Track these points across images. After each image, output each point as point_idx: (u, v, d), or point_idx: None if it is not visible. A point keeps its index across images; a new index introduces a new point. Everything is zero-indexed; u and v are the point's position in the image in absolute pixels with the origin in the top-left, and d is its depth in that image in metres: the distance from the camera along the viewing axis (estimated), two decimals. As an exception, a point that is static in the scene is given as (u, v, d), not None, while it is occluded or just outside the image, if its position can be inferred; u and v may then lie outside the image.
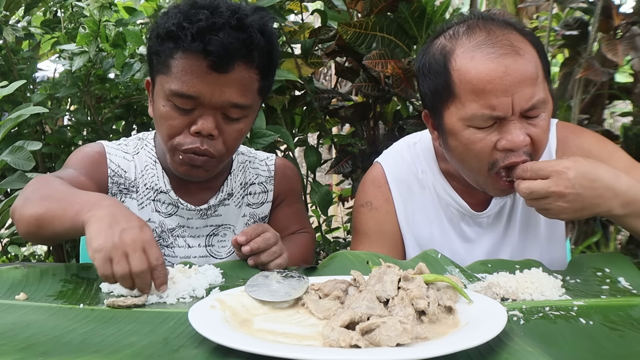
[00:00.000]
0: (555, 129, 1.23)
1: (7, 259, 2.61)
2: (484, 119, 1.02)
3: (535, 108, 1.02)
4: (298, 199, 1.50)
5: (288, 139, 1.96)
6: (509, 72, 0.99)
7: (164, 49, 1.12)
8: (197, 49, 1.07)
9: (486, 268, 1.04)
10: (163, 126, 1.16)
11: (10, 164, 1.54)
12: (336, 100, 2.45)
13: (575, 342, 0.72)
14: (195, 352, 0.68)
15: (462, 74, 1.03)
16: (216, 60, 1.07)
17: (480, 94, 1.01)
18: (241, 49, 1.09)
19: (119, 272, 0.86)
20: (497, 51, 1.01)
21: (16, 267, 1.02)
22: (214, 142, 1.15)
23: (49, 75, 2.84)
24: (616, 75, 2.97)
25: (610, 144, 1.22)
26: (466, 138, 1.05)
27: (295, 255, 1.19)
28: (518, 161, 1.03)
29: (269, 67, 1.18)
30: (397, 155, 1.30)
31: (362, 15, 2.01)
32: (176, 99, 1.11)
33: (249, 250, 1.07)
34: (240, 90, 1.13)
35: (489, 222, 1.24)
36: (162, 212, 1.31)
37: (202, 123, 1.12)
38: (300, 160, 2.74)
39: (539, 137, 1.04)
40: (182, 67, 1.10)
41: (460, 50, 1.04)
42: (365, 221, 1.28)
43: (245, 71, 1.12)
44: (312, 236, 1.48)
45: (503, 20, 1.09)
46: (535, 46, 1.06)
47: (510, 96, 0.99)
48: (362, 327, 0.67)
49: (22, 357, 0.66)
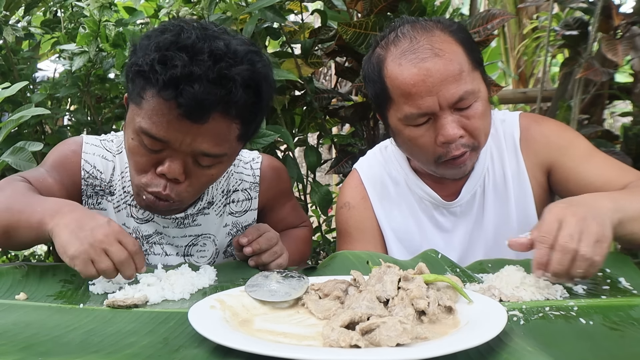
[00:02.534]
0: (519, 120, 1.30)
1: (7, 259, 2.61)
2: (414, 117, 1.13)
3: (462, 99, 1.10)
4: (290, 196, 1.48)
5: (288, 139, 1.96)
6: (430, 74, 1.09)
7: (135, 83, 1.02)
8: (169, 97, 0.96)
9: (486, 268, 1.04)
10: (130, 160, 1.09)
11: (12, 165, 1.54)
12: (336, 100, 2.45)
13: (575, 342, 0.72)
14: (195, 352, 0.68)
15: (393, 80, 1.14)
16: (188, 111, 0.97)
17: (408, 96, 1.12)
18: (217, 104, 0.98)
19: (103, 268, 0.89)
20: (418, 56, 1.11)
21: (16, 267, 1.02)
22: (179, 187, 1.07)
23: (49, 75, 2.84)
24: (616, 75, 2.97)
25: (571, 131, 1.29)
26: (407, 135, 1.17)
27: (292, 250, 1.19)
28: (457, 154, 1.13)
29: (254, 114, 1.07)
30: (370, 158, 1.41)
31: (362, 15, 2.01)
32: (145, 137, 1.02)
33: (251, 252, 1.07)
34: (214, 140, 1.02)
35: (462, 210, 1.30)
36: (138, 218, 1.25)
37: (169, 166, 1.03)
38: (300, 160, 2.74)
39: (473, 125, 1.13)
40: (153, 108, 0.99)
41: (390, 59, 1.15)
42: (345, 220, 1.36)
43: (223, 122, 1.02)
44: (310, 229, 1.49)
45: (428, 19, 1.18)
46: (461, 41, 1.14)
47: (435, 95, 1.09)
48: (362, 327, 0.67)
49: (22, 357, 0.66)
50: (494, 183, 1.28)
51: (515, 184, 1.27)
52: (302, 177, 2.27)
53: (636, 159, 2.15)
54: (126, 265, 0.90)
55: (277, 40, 2.26)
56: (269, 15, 1.82)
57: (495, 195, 1.28)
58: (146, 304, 0.88)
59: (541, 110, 2.80)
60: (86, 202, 1.24)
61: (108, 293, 0.93)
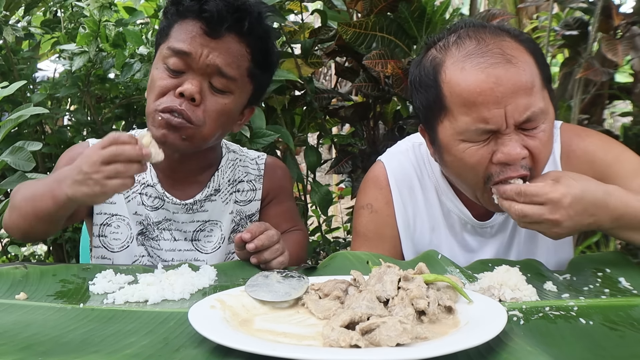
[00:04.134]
0: (560, 133, 1.19)
1: (7, 259, 2.61)
2: (477, 133, 0.99)
3: (531, 120, 0.97)
4: (289, 197, 1.51)
5: (288, 139, 1.96)
6: (500, 83, 0.95)
7: (168, 21, 1.21)
8: (193, 9, 1.16)
9: (486, 268, 1.04)
10: (152, 89, 1.19)
11: (11, 165, 1.54)
12: (336, 100, 2.45)
13: (575, 342, 0.72)
14: (195, 352, 0.68)
15: (452, 86, 0.99)
16: (209, 23, 1.15)
17: (471, 106, 0.97)
18: (233, 13, 1.16)
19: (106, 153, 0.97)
20: (487, 60, 0.96)
21: (16, 267, 1.02)
22: (194, 108, 1.17)
23: (49, 75, 2.84)
24: (616, 75, 2.97)
25: (617, 145, 1.18)
26: (461, 152, 1.02)
27: (290, 252, 1.19)
28: (514, 175, 0.99)
29: (263, 54, 1.24)
30: (402, 155, 1.26)
31: (362, 15, 2.01)
32: (169, 59, 1.17)
33: (254, 248, 1.08)
34: (227, 58, 1.17)
35: (492, 232, 1.21)
36: (148, 206, 1.32)
37: (187, 85, 1.15)
38: (300, 160, 2.74)
39: (538, 149, 0.99)
40: (180, 30, 1.18)
41: (450, 62, 1.00)
42: (365, 224, 1.26)
43: (236, 43, 1.19)
44: (305, 234, 1.49)
45: (497, 26, 1.04)
46: (532, 52, 1.01)
47: (503, 107, 0.95)
48: (362, 327, 0.67)
49: (22, 357, 0.66)
50: None
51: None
52: (302, 177, 2.27)
53: (636, 159, 2.15)
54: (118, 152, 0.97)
55: (277, 40, 2.26)
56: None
57: None
58: (146, 303, 0.88)
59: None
60: None
61: (108, 293, 0.93)
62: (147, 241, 1.33)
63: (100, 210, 1.32)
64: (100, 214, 1.32)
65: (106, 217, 1.32)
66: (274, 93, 2.05)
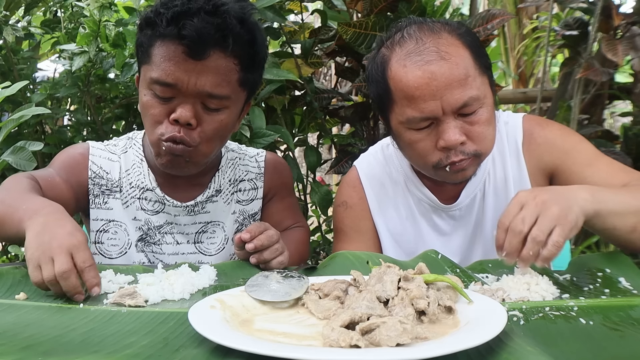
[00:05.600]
0: (522, 122, 1.28)
1: (7, 259, 2.61)
2: (416, 120, 1.10)
3: (467, 105, 1.08)
4: (290, 193, 1.50)
5: (288, 139, 1.96)
6: (434, 78, 1.06)
7: (145, 38, 1.15)
8: (172, 34, 1.09)
9: (486, 268, 1.04)
10: (146, 117, 1.18)
11: (12, 165, 1.54)
12: (336, 100, 2.45)
13: (575, 342, 0.72)
14: (195, 352, 0.68)
15: (396, 82, 1.11)
16: (191, 46, 1.09)
17: (411, 99, 1.09)
18: (215, 34, 1.09)
19: (46, 276, 0.88)
20: (424, 59, 1.08)
21: (16, 267, 1.02)
22: (192, 132, 1.15)
23: (49, 75, 2.84)
24: (616, 75, 2.97)
25: (575, 135, 1.27)
26: (408, 138, 1.14)
27: (291, 252, 1.19)
28: (456, 160, 1.10)
29: (251, 57, 1.18)
30: (371, 157, 1.39)
31: (362, 15, 2.01)
32: (156, 87, 1.13)
33: (253, 248, 1.08)
34: (216, 79, 1.13)
35: (462, 214, 1.29)
36: (148, 210, 1.31)
37: (180, 111, 1.12)
38: (300, 160, 2.74)
39: (476, 132, 1.10)
40: (161, 55, 1.12)
41: (394, 60, 1.12)
42: (342, 219, 1.35)
43: (222, 59, 1.13)
44: (307, 230, 1.49)
45: (436, 21, 1.15)
46: (468, 45, 1.11)
47: (439, 99, 1.07)
48: (362, 327, 0.67)
49: (22, 357, 0.66)
50: (494, 186, 1.27)
51: (517, 188, 1.24)
52: (302, 177, 2.27)
53: (636, 159, 2.16)
54: (65, 279, 0.87)
55: (277, 40, 2.26)
56: (269, 15, 1.82)
57: (496, 198, 1.27)
58: (146, 303, 0.88)
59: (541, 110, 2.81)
60: (93, 201, 1.31)
61: (108, 293, 0.93)
62: (148, 247, 1.32)
63: (96, 216, 1.30)
64: (97, 220, 1.30)
65: (103, 224, 1.30)
66: (274, 93, 2.05)
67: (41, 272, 0.88)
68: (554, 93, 2.83)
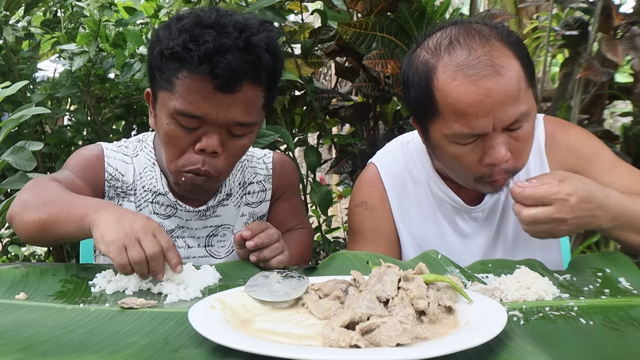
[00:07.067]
0: (543, 124, 1.25)
1: (7, 258, 2.61)
2: (464, 136, 1.05)
3: (517, 122, 1.04)
4: (296, 193, 1.50)
5: (288, 139, 1.96)
6: (489, 95, 1.00)
7: (167, 67, 1.08)
8: (204, 72, 1.03)
9: (486, 268, 1.04)
10: (168, 145, 1.14)
11: (12, 165, 1.54)
12: (336, 100, 2.45)
13: (575, 342, 0.72)
14: (195, 352, 0.68)
15: (445, 95, 1.04)
16: (223, 83, 1.04)
17: (462, 115, 1.03)
18: (249, 70, 1.06)
19: (134, 257, 0.90)
20: (478, 73, 1.01)
21: (16, 267, 1.02)
22: (216, 160, 1.13)
23: (49, 75, 2.84)
24: (616, 75, 2.97)
25: (596, 140, 1.25)
26: (451, 152, 1.09)
27: (293, 253, 1.19)
28: (499, 179, 1.09)
29: (274, 82, 1.16)
30: (391, 155, 1.32)
31: (362, 15, 2.01)
32: (181, 117, 1.09)
33: (253, 245, 1.08)
34: (245, 109, 1.10)
35: (484, 216, 1.26)
36: (161, 214, 1.31)
37: (207, 141, 1.10)
38: (300, 160, 2.74)
39: (519, 149, 1.07)
40: (187, 87, 1.06)
41: (442, 70, 1.05)
42: (361, 221, 1.29)
43: (252, 90, 1.10)
44: (310, 232, 1.48)
45: (485, 25, 1.08)
46: (519, 56, 1.05)
47: (492, 117, 1.02)
48: (362, 327, 0.67)
49: (22, 357, 0.66)
50: None
51: None
52: (302, 177, 2.27)
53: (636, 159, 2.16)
54: (156, 259, 0.91)
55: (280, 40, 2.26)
56: (269, 15, 1.82)
57: None
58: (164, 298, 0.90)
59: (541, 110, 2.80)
60: None
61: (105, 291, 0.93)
62: None
63: None
64: None
65: None
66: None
67: (127, 253, 0.90)
68: (554, 93, 2.82)
